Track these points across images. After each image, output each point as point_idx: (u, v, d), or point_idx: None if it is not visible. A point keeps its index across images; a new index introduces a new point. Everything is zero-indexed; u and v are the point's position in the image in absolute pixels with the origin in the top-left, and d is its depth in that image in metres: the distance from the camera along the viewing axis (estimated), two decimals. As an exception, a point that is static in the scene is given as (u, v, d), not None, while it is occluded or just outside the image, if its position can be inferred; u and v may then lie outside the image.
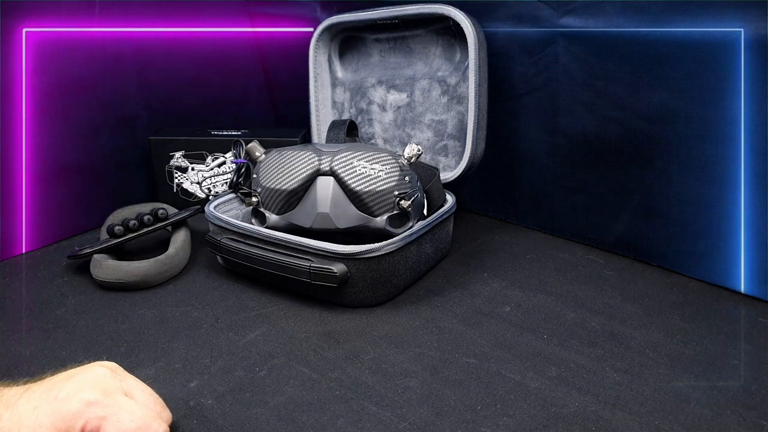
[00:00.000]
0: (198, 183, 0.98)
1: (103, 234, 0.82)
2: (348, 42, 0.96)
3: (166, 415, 0.49)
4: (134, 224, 0.79)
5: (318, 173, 0.69)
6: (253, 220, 0.75)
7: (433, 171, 0.78)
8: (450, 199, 0.79)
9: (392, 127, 0.94)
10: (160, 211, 0.81)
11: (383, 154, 0.69)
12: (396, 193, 0.68)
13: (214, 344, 0.62)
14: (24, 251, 0.84)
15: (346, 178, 0.68)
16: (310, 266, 0.66)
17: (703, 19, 0.65)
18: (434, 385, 0.55)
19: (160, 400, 0.49)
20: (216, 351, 0.61)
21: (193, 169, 0.97)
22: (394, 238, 0.67)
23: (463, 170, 0.83)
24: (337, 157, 0.69)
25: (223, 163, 0.97)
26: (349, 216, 0.69)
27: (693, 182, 0.70)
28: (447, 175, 0.84)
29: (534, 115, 0.83)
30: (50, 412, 0.43)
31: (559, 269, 0.77)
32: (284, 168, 0.70)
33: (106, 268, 0.73)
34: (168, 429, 0.47)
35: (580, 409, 0.52)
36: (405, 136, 0.93)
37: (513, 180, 0.89)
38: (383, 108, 0.94)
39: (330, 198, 0.68)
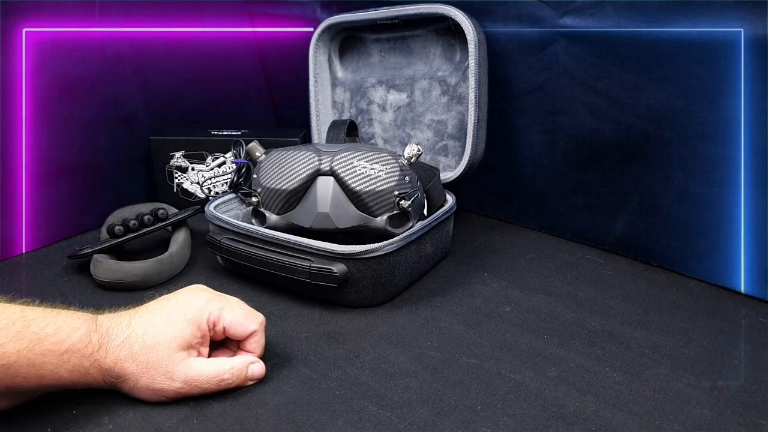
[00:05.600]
0: (198, 183, 0.98)
1: (103, 234, 0.82)
2: (348, 42, 0.96)
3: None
4: (134, 224, 0.79)
5: (318, 173, 0.69)
6: (253, 220, 0.75)
7: (433, 171, 0.78)
8: (450, 199, 0.79)
9: (392, 127, 0.94)
10: (160, 211, 0.81)
11: (383, 154, 0.69)
12: (396, 193, 0.68)
13: (214, 344, 0.62)
14: (24, 251, 0.84)
15: (346, 178, 0.68)
16: (310, 266, 0.66)
17: (703, 19, 0.65)
18: (434, 385, 0.55)
19: None
20: (216, 351, 0.61)
21: (193, 169, 0.97)
22: (394, 238, 0.67)
23: (463, 170, 0.83)
24: (337, 157, 0.69)
25: (223, 163, 0.97)
26: (349, 216, 0.69)
27: (693, 182, 0.70)
28: (447, 175, 0.84)
29: (534, 115, 0.83)
30: (179, 311, 0.53)
31: (559, 269, 0.77)
32: (284, 168, 0.70)
33: (106, 268, 0.73)
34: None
35: (580, 409, 0.52)
36: (405, 136, 0.93)
37: (513, 180, 0.89)
38: (383, 108, 0.94)
39: (330, 198, 0.68)
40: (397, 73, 0.92)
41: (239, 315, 0.55)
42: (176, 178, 0.97)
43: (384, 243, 0.66)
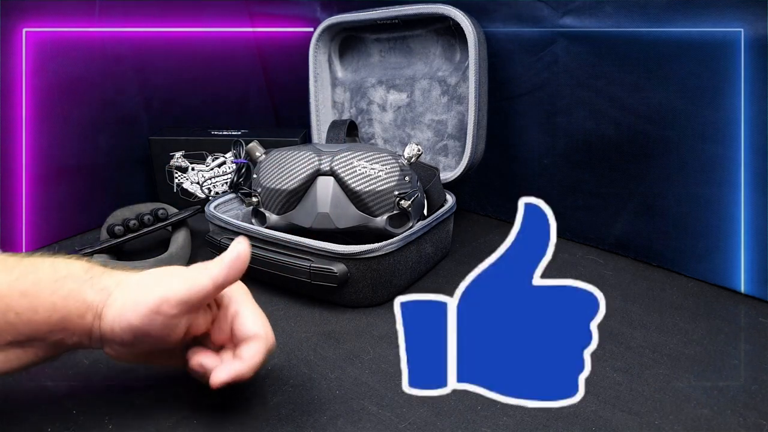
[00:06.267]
0: (198, 183, 0.98)
1: (103, 234, 0.82)
2: (348, 42, 0.96)
3: None
4: (134, 224, 0.79)
5: (318, 173, 0.69)
6: (253, 220, 0.75)
7: (433, 171, 0.78)
8: (450, 199, 0.79)
9: (392, 127, 0.94)
10: (160, 211, 0.81)
11: (383, 154, 0.69)
12: (396, 193, 0.68)
13: (214, 344, 0.62)
14: (24, 251, 0.84)
15: (346, 178, 0.68)
16: (310, 266, 0.66)
17: (703, 19, 0.65)
18: (434, 385, 0.55)
19: None
20: (216, 351, 0.61)
21: (193, 169, 0.97)
22: (394, 238, 0.67)
23: (463, 170, 0.83)
24: (337, 157, 0.69)
25: (223, 163, 0.97)
26: (349, 216, 0.69)
27: (693, 182, 0.70)
28: (447, 175, 0.84)
29: (534, 115, 0.83)
30: (180, 279, 0.48)
31: (559, 269, 0.77)
32: (284, 168, 0.70)
33: (106, 268, 0.73)
34: None
35: (580, 409, 0.52)
36: (405, 136, 0.93)
37: (513, 180, 0.89)
38: (383, 108, 0.94)
39: (330, 198, 0.68)
40: (397, 73, 0.92)
41: (255, 311, 0.52)
42: (176, 178, 0.97)
43: (384, 243, 0.66)
